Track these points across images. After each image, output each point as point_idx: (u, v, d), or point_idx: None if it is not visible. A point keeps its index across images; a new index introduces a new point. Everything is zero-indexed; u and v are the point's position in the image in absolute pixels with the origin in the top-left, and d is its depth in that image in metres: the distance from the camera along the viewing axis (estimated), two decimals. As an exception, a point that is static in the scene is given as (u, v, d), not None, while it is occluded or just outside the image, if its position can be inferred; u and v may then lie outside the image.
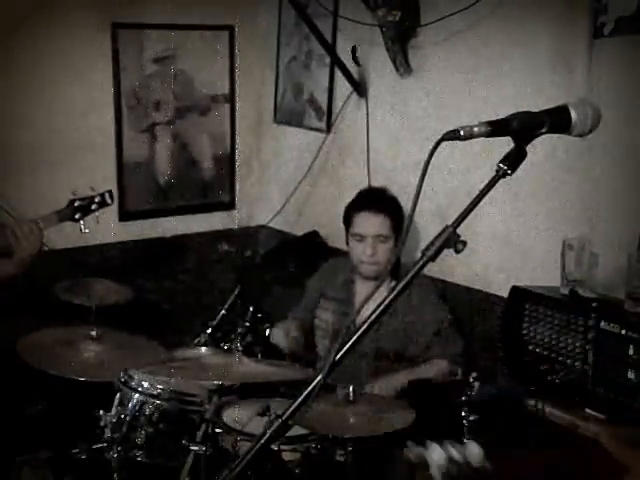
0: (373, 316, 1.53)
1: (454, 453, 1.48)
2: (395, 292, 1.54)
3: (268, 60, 4.65)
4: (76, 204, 3.44)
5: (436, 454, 1.50)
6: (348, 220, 3.40)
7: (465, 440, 1.48)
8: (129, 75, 4.32)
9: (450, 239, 1.53)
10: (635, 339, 2.57)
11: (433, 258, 1.54)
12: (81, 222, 3.44)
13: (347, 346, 1.53)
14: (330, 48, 4.10)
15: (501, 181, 1.56)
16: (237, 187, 4.79)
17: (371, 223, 3.30)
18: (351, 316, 3.26)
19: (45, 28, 4.00)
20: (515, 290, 3.00)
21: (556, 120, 1.59)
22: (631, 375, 2.58)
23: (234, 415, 2.84)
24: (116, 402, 2.92)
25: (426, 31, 3.67)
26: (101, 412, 2.88)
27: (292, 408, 1.52)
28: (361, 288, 3.44)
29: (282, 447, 2.67)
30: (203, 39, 4.51)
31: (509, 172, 1.55)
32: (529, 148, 1.58)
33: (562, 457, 2.23)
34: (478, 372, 2.74)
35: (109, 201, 3.55)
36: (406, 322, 3.30)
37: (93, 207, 3.48)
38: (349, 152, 4.21)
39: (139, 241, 4.46)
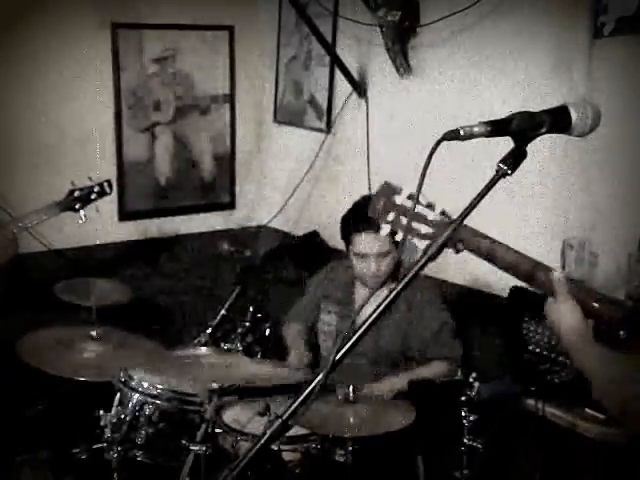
0: (373, 316, 1.53)
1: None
2: (395, 292, 1.54)
3: (268, 60, 4.65)
4: (76, 194, 3.47)
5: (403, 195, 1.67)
6: (347, 237, 3.34)
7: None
8: (129, 75, 4.32)
9: (450, 239, 1.53)
10: (635, 339, 2.57)
11: (433, 258, 1.54)
12: (81, 212, 3.46)
13: (347, 346, 1.53)
14: (330, 48, 4.10)
15: (501, 181, 1.56)
16: (237, 187, 4.80)
17: (372, 243, 3.20)
18: (352, 317, 3.26)
19: (45, 28, 4.00)
20: (515, 290, 3.00)
21: (556, 120, 1.59)
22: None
23: (234, 415, 2.84)
24: (116, 402, 2.92)
25: (426, 31, 3.68)
26: (101, 412, 2.87)
27: (292, 408, 1.52)
28: (362, 290, 3.44)
29: (282, 447, 2.67)
30: (203, 39, 4.51)
31: (509, 172, 1.55)
32: (529, 148, 1.58)
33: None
34: (478, 372, 2.73)
35: (108, 190, 3.57)
36: (407, 323, 3.30)
37: (93, 197, 3.50)
38: (349, 152, 4.21)
39: (139, 241, 4.46)
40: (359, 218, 3.27)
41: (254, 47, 4.67)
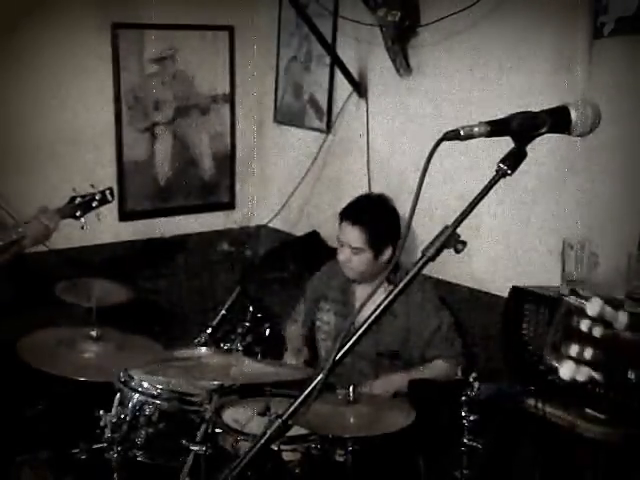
0: (373, 316, 1.53)
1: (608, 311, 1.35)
2: (395, 292, 1.54)
3: (268, 60, 4.65)
4: (77, 201, 3.46)
5: (596, 304, 1.36)
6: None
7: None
8: (129, 75, 4.32)
9: (450, 239, 1.53)
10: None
11: (433, 258, 1.54)
12: (82, 219, 3.45)
13: (347, 346, 1.54)
14: (330, 48, 4.10)
15: (501, 181, 1.56)
16: (237, 187, 4.80)
17: (347, 234, 3.36)
18: (351, 317, 3.27)
19: (45, 28, 4.00)
20: (515, 290, 3.00)
21: (556, 120, 1.59)
22: (631, 375, 2.57)
23: (234, 415, 2.84)
24: (116, 402, 2.92)
25: (426, 31, 3.67)
26: (101, 412, 2.87)
27: (292, 408, 1.53)
28: (360, 290, 3.45)
29: (282, 447, 2.67)
30: (203, 39, 4.51)
31: (509, 172, 1.55)
32: (529, 148, 1.58)
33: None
34: (478, 372, 2.74)
35: (110, 198, 3.57)
36: (406, 324, 3.30)
37: (94, 204, 3.50)
38: (349, 152, 4.21)
39: (139, 241, 4.46)
40: (347, 208, 3.37)
41: (254, 47, 4.67)
